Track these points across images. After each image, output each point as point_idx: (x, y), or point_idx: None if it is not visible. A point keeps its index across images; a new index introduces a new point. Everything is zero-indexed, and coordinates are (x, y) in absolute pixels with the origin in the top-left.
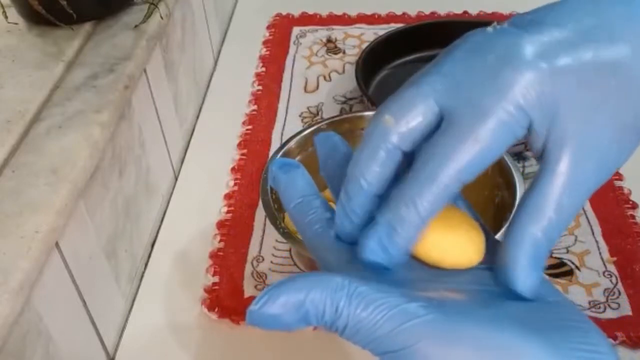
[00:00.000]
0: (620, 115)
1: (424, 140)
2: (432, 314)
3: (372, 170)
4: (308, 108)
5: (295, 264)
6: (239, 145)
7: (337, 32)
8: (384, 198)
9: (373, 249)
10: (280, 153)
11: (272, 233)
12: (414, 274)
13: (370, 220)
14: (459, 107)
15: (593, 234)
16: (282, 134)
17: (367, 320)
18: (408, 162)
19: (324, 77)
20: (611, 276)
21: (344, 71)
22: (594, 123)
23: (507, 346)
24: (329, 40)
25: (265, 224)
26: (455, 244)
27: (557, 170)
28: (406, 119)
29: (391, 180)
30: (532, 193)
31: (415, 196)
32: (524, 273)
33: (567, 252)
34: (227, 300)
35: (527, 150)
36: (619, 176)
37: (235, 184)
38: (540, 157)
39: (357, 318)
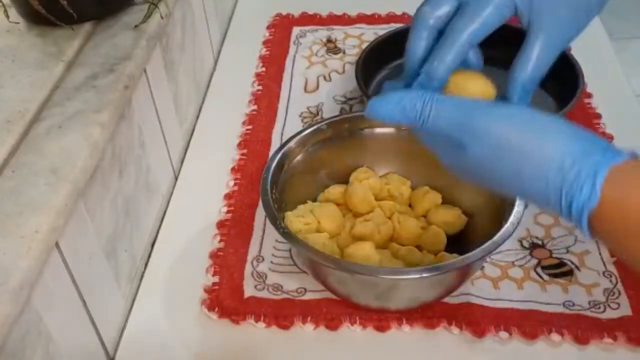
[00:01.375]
0: (576, 0)
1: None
2: (490, 106)
3: (421, 44)
4: (308, 108)
5: (295, 264)
6: (239, 145)
7: (337, 32)
8: None
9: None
10: (280, 153)
11: (272, 233)
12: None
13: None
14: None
15: None
16: (282, 134)
17: (446, 108)
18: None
19: (324, 77)
20: (611, 276)
21: (344, 71)
22: (558, 5)
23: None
24: (329, 40)
25: (265, 224)
26: (482, 82)
27: (535, 38)
28: (438, 8)
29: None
30: (521, 55)
31: (443, 53)
32: (516, 98)
33: (567, 252)
34: (227, 300)
35: None
36: None
37: (235, 184)
38: (525, 31)
39: (439, 107)
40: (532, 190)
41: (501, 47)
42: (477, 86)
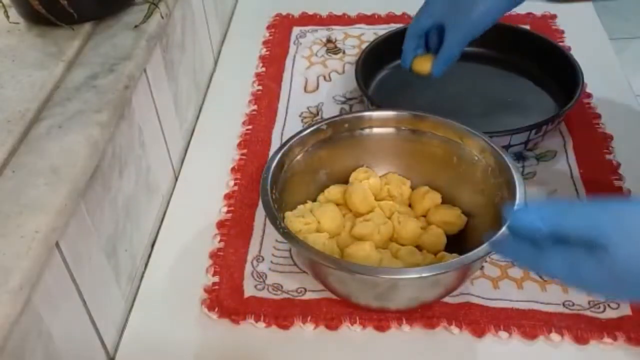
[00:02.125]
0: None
1: None
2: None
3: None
4: (308, 108)
5: (295, 264)
6: (239, 145)
7: (337, 32)
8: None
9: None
10: (280, 153)
11: (272, 233)
12: None
13: None
14: None
15: None
16: (282, 134)
17: (582, 210)
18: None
19: (324, 77)
20: None
21: (344, 71)
22: (465, 14)
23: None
24: (329, 40)
25: (265, 224)
26: (426, 59)
27: (449, 33)
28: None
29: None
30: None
31: (405, 47)
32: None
33: None
34: (227, 300)
35: (528, 150)
36: (618, 176)
37: (235, 184)
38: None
39: (573, 210)
40: None
41: (500, 48)
42: (423, 63)
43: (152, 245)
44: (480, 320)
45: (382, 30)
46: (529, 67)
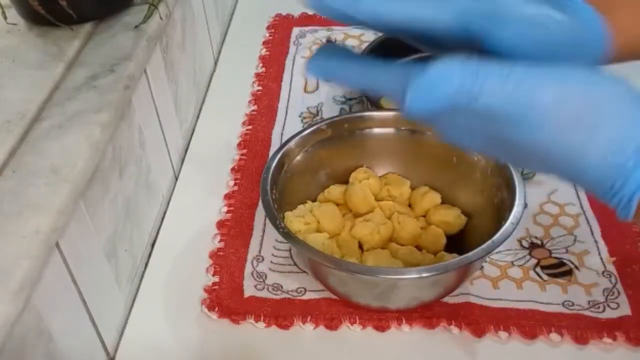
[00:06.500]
0: None
1: None
2: (538, 67)
3: None
4: (308, 108)
5: (295, 264)
6: (239, 145)
7: (337, 33)
8: None
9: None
10: (280, 153)
11: (272, 233)
12: None
13: None
14: None
15: (592, 234)
16: (282, 134)
17: (499, 81)
18: None
19: None
20: (610, 276)
21: None
22: None
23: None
24: (329, 41)
25: (265, 224)
26: None
27: None
28: None
29: None
30: None
31: None
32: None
33: (567, 252)
34: (227, 300)
35: None
36: None
37: (235, 184)
38: None
39: (490, 80)
40: (586, 171)
41: None
42: None
43: (152, 245)
44: (480, 320)
45: None
46: None
